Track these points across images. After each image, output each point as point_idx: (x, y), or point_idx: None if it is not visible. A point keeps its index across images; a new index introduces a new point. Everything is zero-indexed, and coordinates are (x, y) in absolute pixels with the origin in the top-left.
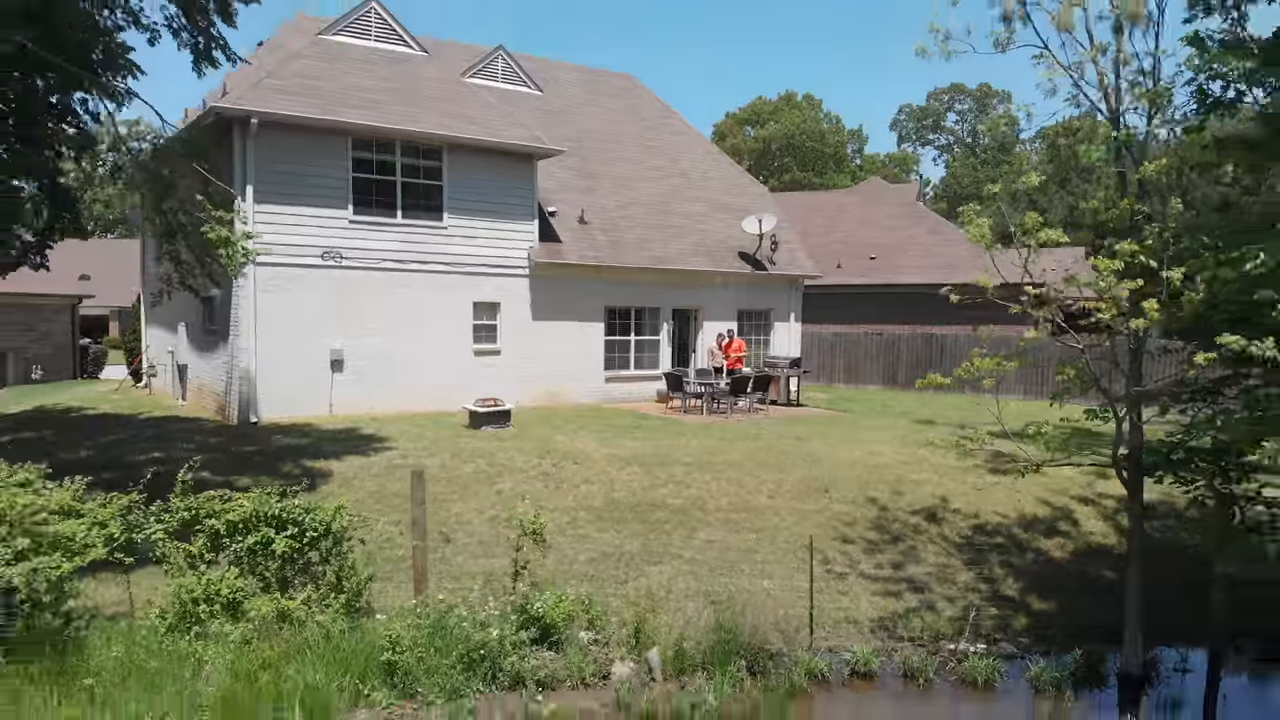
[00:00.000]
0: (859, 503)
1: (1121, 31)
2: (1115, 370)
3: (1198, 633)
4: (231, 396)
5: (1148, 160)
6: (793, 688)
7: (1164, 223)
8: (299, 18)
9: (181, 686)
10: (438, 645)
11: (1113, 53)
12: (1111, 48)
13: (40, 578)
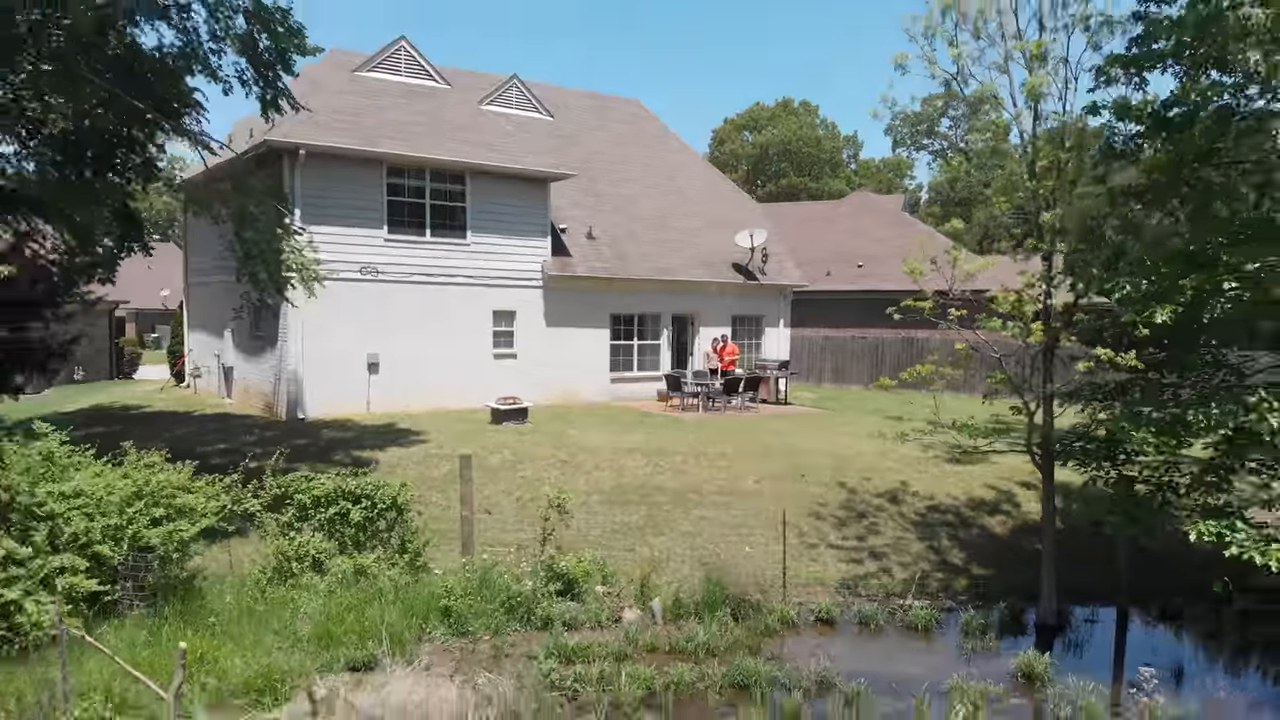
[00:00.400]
0: (831, 486)
1: (1037, 99)
2: (1034, 372)
3: (1111, 593)
4: (280, 396)
5: (1051, 211)
6: (767, 629)
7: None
8: (331, 51)
9: (283, 624)
10: (483, 594)
11: (1029, 115)
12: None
13: (173, 539)
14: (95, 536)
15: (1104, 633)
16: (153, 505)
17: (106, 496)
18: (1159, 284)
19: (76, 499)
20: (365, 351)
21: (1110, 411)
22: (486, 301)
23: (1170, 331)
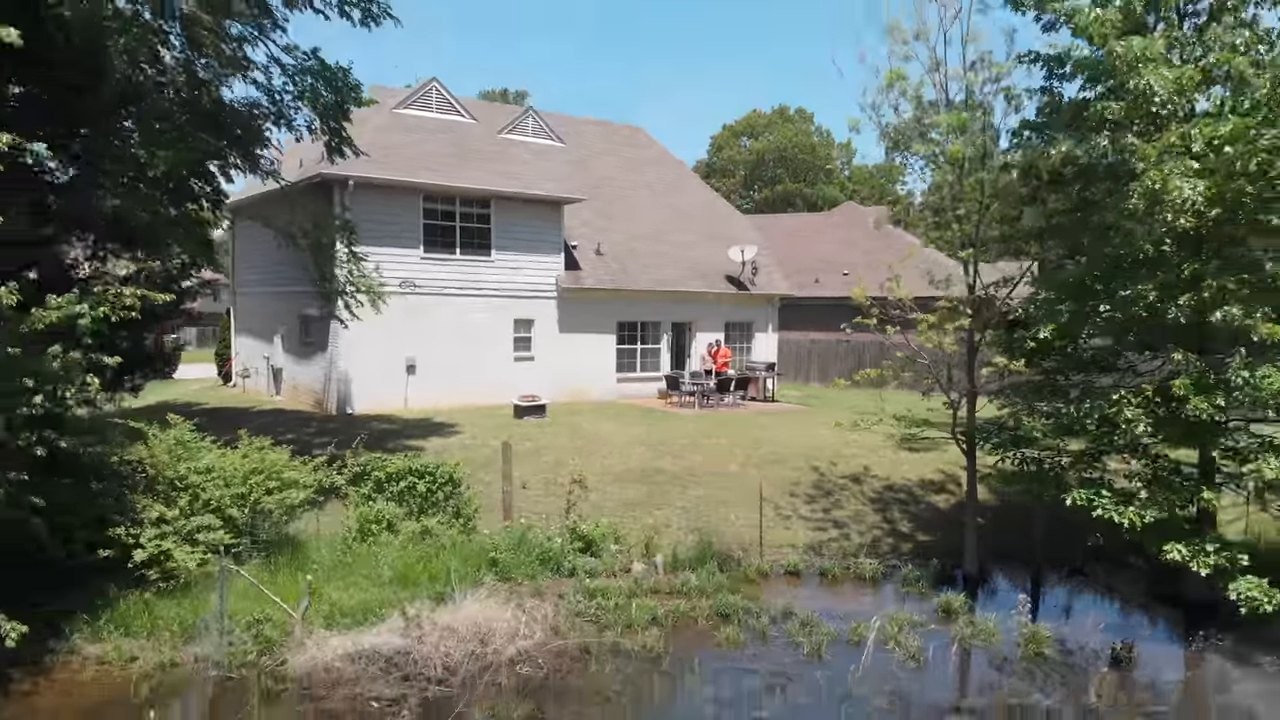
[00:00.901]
0: (804, 469)
1: (958, 162)
2: (957, 374)
3: (1029, 555)
4: (330, 393)
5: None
6: (746, 578)
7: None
8: (372, 89)
9: (369, 570)
10: (522, 550)
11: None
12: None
13: (283, 504)
14: (225, 502)
15: (1015, 582)
16: (267, 479)
17: (233, 471)
18: (1043, 308)
19: (210, 473)
20: (404, 355)
21: (1015, 407)
22: (508, 311)
23: (1058, 344)
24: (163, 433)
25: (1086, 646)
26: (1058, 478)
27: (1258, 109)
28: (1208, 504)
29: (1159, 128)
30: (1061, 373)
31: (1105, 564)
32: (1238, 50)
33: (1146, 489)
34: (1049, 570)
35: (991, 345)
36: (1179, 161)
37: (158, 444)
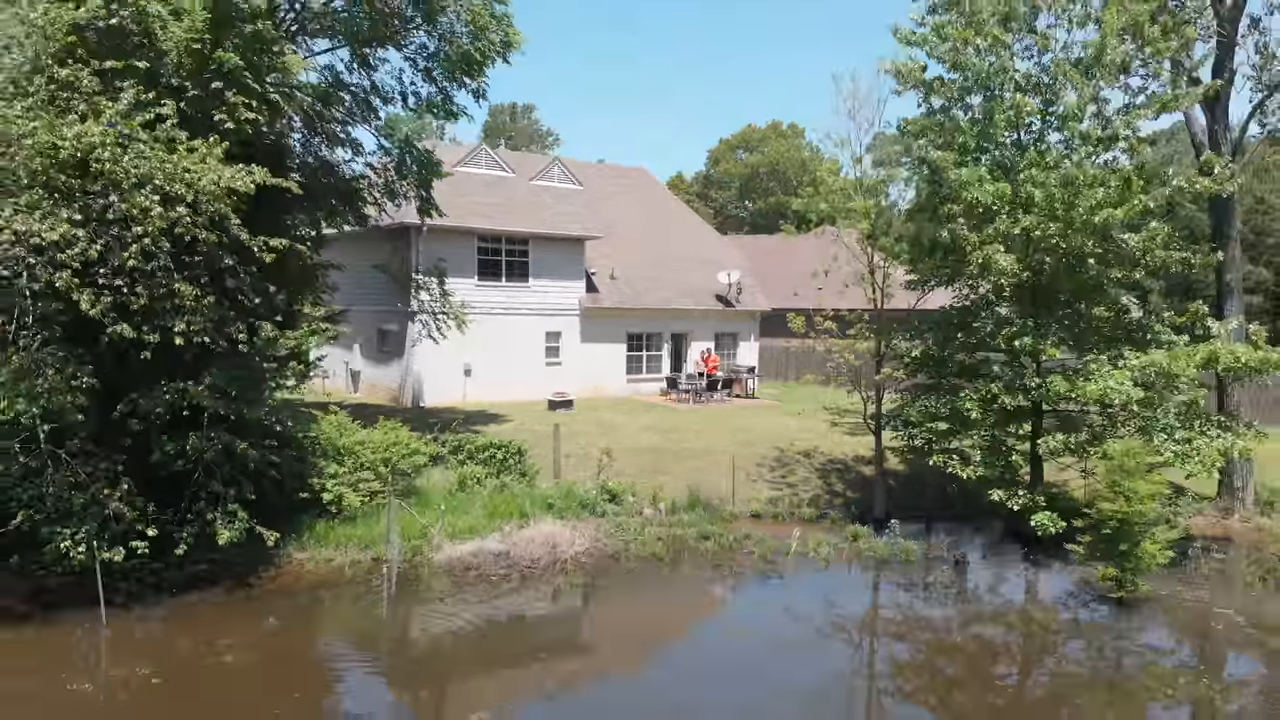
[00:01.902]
0: (770, 448)
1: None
2: (868, 375)
3: (923, 506)
4: (405, 390)
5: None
6: (721, 518)
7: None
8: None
9: (468, 508)
10: (568, 498)
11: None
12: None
13: (413, 464)
14: (375, 462)
15: (907, 523)
16: (400, 448)
17: (378, 442)
18: (915, 335)
19: (363, 444)
20: (462, 361)
21: (904, 401)
22: (542, 325)
23: (928, 360)
24: (328, 416)
25: (939, 556)
26: (929, 450)
27: (1041, 211)
28: (1016, 466)
29: (988, 220)
30: (934, 378)
31: (981, 511)
32: (1032, 176)
33: (981, 455)
34: (936, 516)
35: (887, 358)
36: (995, 245)
37: (329, 424)
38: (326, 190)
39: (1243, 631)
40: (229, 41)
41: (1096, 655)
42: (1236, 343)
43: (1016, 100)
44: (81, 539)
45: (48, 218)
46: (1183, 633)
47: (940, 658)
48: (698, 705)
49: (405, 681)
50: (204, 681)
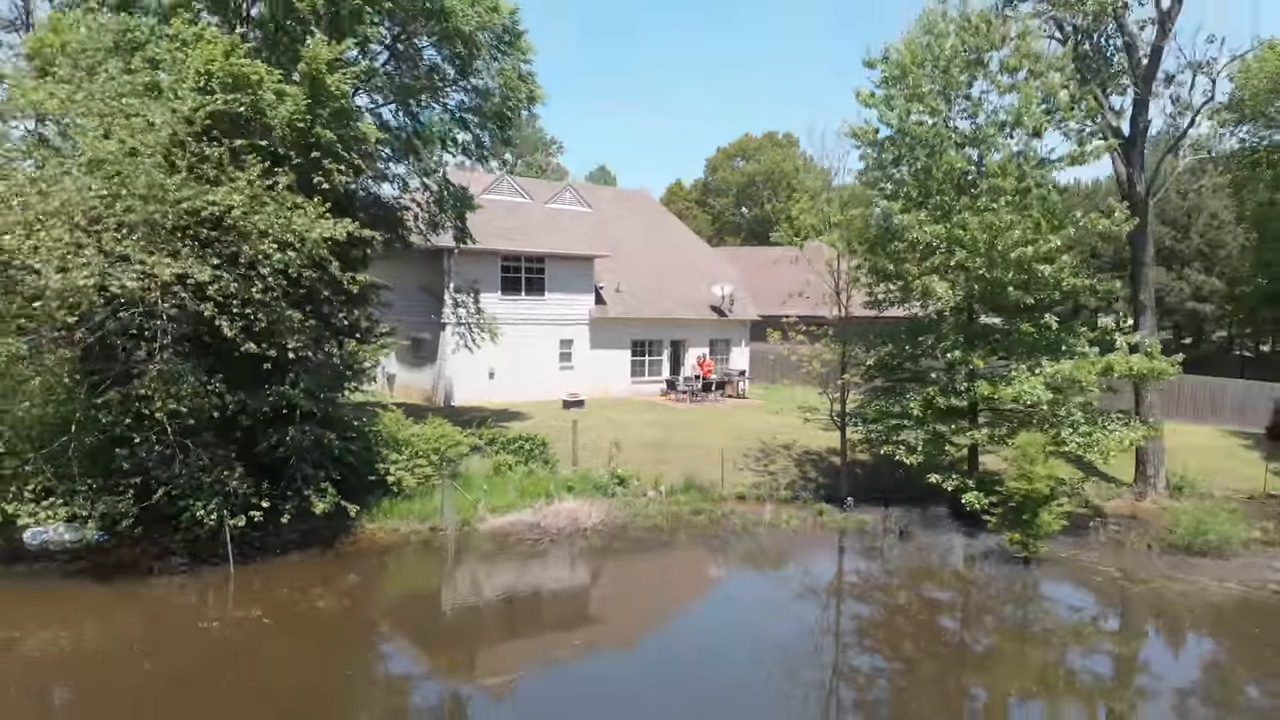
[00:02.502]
0: (755, 441)
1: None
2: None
3: (882, 490)
4: (438, 391)
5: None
6: (712, 499)
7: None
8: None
9: (503, 489)
10: (584, 481)
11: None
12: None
13: (457, 451)
14: (427, 451)
15: (867, 504)
16: (447, 439)
17: (429, 435)
18: (871, 346)
19: (417, 436)
20: (487, 365)
21: (864, 401)
22: (556, 334)
23: (883, 366)
24: (386, 414)
25: (888, 528)
26: (882, 442)
27: (970, 248)
28: (953, 453)
29: (929, 254)
30: (888, 382)
31: (929, 493)
32: (963, 219)
33: (923, 446)
34: (893, 497)
35: (849, 364)
36: (932, 275)
37: (389, 420)
38: (377, 221)
39: (1116, 584)
40: (321, 115)
41: (998, 597)
42: (1134, 354)
43: (950, 158)
44: (212, 509)
45: (199, 263)
46: (1069, 583)
47: (875, 593)
48: (683, 610)
49: (467, 612)
50: (301, 622)
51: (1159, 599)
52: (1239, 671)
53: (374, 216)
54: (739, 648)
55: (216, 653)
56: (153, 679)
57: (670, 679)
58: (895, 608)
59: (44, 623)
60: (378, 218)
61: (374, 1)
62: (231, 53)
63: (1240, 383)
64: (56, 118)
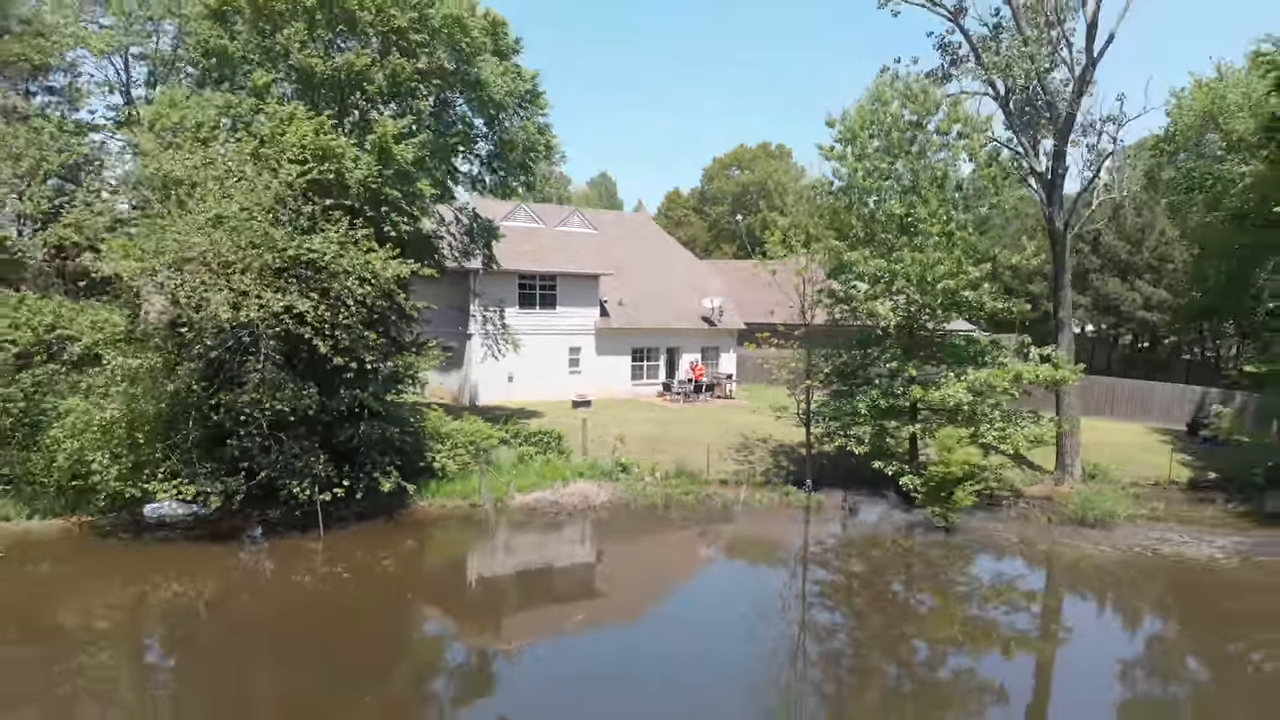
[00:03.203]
0: (737, 436)
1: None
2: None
3: (841, 476)
4: (464, 393)
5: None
6: (699, 483)
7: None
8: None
9: (526, 473)
10: (593, 468)
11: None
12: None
13: (490, 443)
14: (464, 442)
15: (828, 488)
16: (480, 433)
17: (466, 429)
18: (830, 355)
19: (457, 430)
20: (506, 370)
21: (824, 401)
22: (566, 342)
23: (840, 372)
24: (430, 412)
25: (841, 505)
26: (837, 436)
27: (906, 279)
28: (896, 445)
29: (875, 282)
30: (844, 385)
31: (880, 479)
32: (901, 256)
33: (869, 439)
34: (850, 482)
35: (813, 371)
36: (875, 300)
37: (433, 417)
38: (420, 251)
39: (1016, 548)
40: (388, 176)
41: (918, 554)
42: (1044, 364)
43: (890, 205)
44: (305, 488)
45: (301, 297)
46: (977, 546)
47: (823, 554)
48: (674, 562)
49: (504, 565)
50: (372, 575)
51: (1045, 558)
52: (1103, 604)
53: (418, 248)
54: (721, 589)
55: (309, 599)
56: (263, 616)
57: (662, 609)
58: (837, 565)
59: (174, 576)
60: (420, 249)
61: (425, 79)
62: (320, 130)
63: (1167, 385)
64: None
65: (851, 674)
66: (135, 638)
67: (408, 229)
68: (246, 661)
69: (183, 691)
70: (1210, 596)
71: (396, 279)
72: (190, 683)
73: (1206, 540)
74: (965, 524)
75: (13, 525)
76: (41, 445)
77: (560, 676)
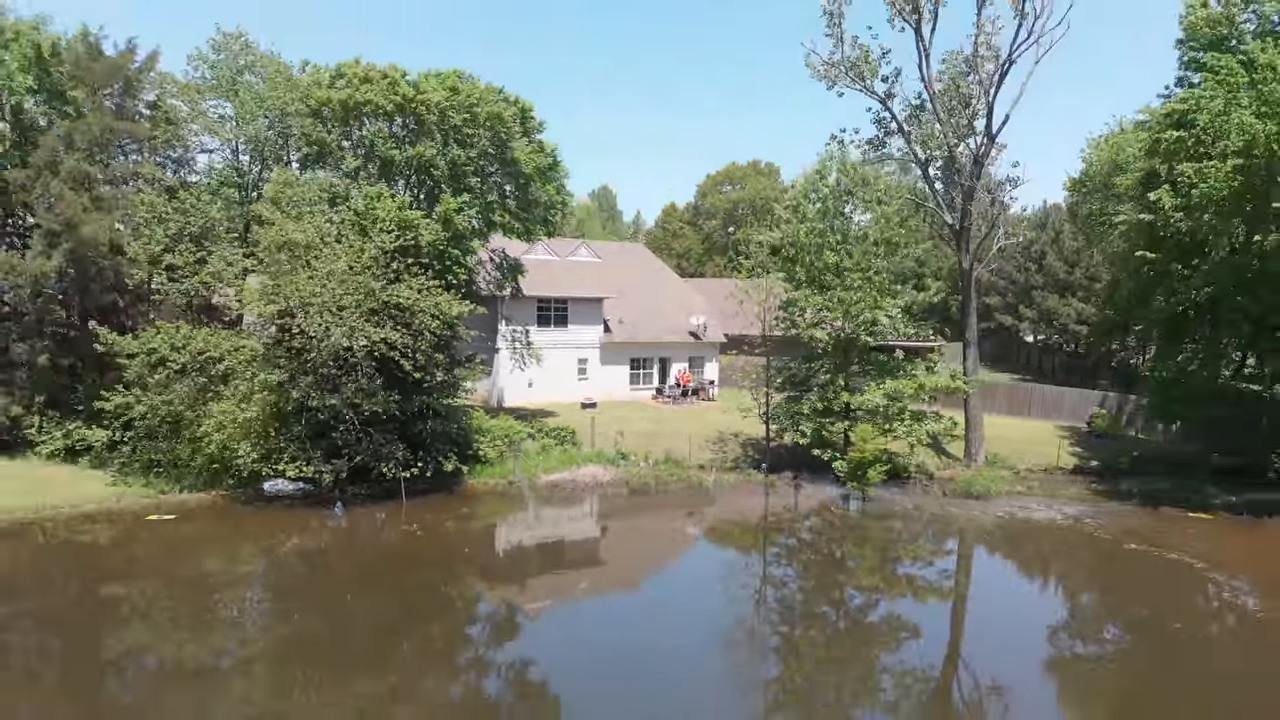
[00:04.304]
0: (715, 431)
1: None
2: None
3: (793, 461)
4: (493, 396)
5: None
6: (682, 468)
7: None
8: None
9: (547, 459)
10: (599, 455)
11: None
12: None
13: (520, 436)
14: (500, 436)
15: (785, 472)
16: (512, 428)
17: (502, 425)
18: (782, 368)
19: (495, 426)
20: (527, 377)
21: (779, 403)
22: (575, 354)
23: (792, 380)
24: (474, 413)
25: (789, 483)
26: (787, 430)
27: (838, 311)
28: (832, 437)
29: (815, 314)
30: (795, 390)
31: (823, 465)
32: (835, 293)
33: (811, 433)
34: (801, 467)
35: (771, 379)
36: (814, 327)
37: (476, 416)
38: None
39: (912, 511)
40: (450, 239)
41: (841, 517)
42: (943, 376)
43: (827, 255)
44: (390, 468)
45: (393, 330)
46: (883, 510)
47: (769, 516)
48: (661, 524)
49: (535, 527)
50: (438, 534)
51: (933, 519)
52: (976, 550)
53: (466, 285)
54: (697, 544)
55: (394, 548)
56: (360, 561)
57: (653, 557)
58: (786, 527)
59: (292, 532)
60: (466, 285)
61: (474, 162)
62: (401, 206)
63: (1075, 390)
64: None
65: (801, 619)
66: (270, 572)
67: (464, 277)
68: (349, 590)
69: (303, 610)
70: (1036, 543)
71: (456, 315)
72: (308, 605)
73: (1056, 509)
74: (879, 495)
75: (171, 497)
76: (184, 438)
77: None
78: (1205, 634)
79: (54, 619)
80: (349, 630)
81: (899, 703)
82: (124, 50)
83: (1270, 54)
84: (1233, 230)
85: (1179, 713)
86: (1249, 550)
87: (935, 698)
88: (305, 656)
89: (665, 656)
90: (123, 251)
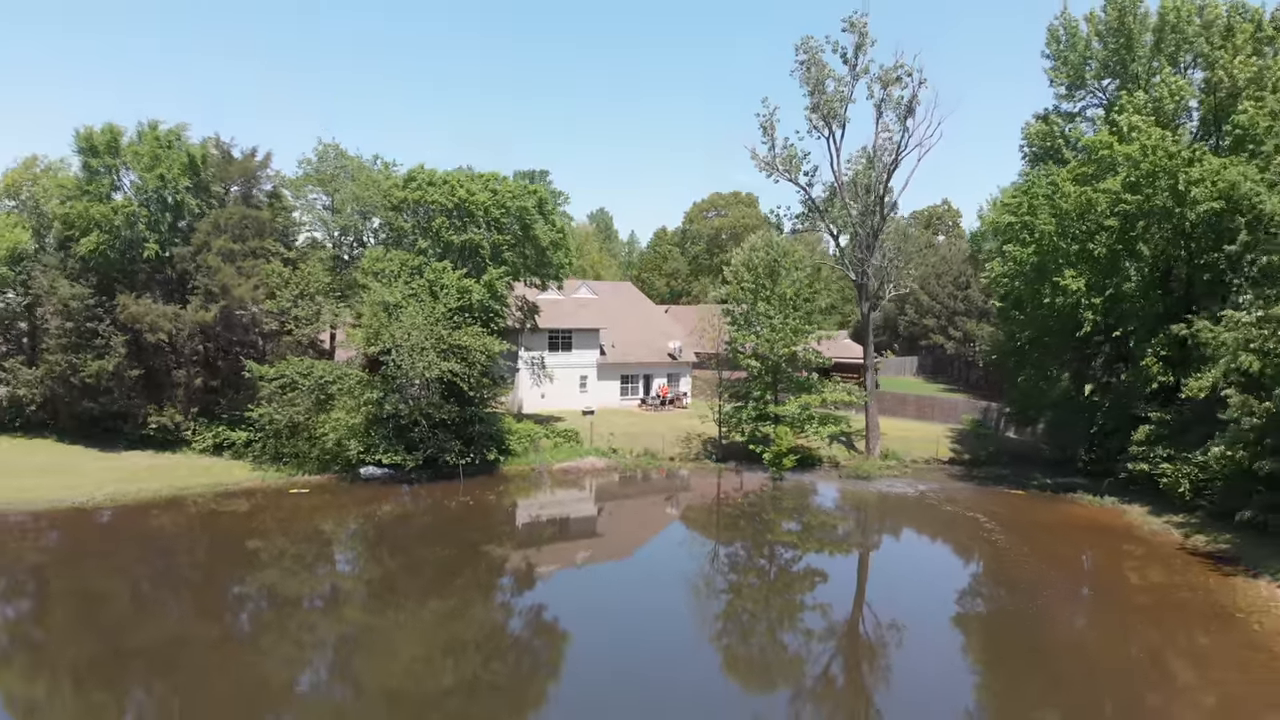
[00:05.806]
0: (684, 432)
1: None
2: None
3: (745, 456)
4: (513, 405)
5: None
6: (657, 460)
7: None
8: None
9: (558, 452)
10: (597, 450)
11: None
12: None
13: (537, 436)
14: (524, 435)
15: (735, 464)
16: (534, 429)
17: (528, 428)
18: (726, 384)
19: (520, 428)
20: (541, 391)
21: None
22: (577, 372)
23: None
24: (505, 417)
25: (734, 470)
26: (733, 431)
27: (766, 345)
28: (765, 434)
29: (756, 346)
30: (740, 399)
31: (757, 457)
32: (764, 333)
33: (748, 433)
34: (748, 459)
35: (722, 390)
36: (750, 357)
37: (507, 420)
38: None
39: (814, 487)
40: (490, 296)
41: (768, 492)
42: (840, 391)
43: (761, 307)
44: (452, 457)
45: (456, 362)
46: (794, 488)
47: (721, 493)
48: (644, 497)
49: (554, 500)
50: (487, 505)
51: (830, 493)
52: (860, 512)
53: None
54: (668, 512)
55: (452, 515)
56: (431, 521)
57: (635, 521)
58: (733, 500)
59: (383, 502)
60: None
61: (507, 241)
62: (460, 277)
63: (965, 399)
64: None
65: (743, 571)
66: (366, 530)
67: (502, 324)
68: (422, 543)
69: (390, 556)
70: (888, 506)
71: (496, 350)
72: (393, 552)
73: (915, 486)
74: (794, 477)
75: (300, 478)
76: (303, 437)
77: (598, 535)
78: (962, 550)
79: (217, 558)
80: (421, 570)
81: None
82: (248, 153)
83: (1064, 175)
84: (1036, 292)
85: (917, 581)
86: (1022, 513)
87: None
88: (390, 587)
89: (637, 570)
90: (258, 304)
